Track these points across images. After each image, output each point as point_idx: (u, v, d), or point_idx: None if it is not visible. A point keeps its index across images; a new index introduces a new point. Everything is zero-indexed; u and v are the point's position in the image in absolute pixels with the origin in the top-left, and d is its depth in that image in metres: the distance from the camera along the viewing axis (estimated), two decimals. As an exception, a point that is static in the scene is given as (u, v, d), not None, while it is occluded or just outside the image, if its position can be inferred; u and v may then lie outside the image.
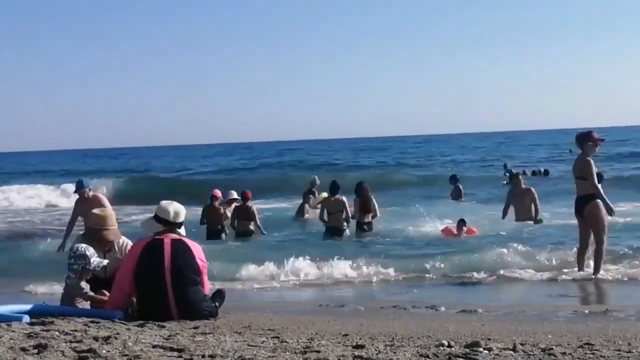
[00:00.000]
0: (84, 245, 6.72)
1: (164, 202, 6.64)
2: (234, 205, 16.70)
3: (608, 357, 4.48)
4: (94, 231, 6.98)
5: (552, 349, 4.68)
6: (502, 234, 13.73)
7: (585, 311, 7.26)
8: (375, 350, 4.65)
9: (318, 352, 4.53)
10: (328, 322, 6.28)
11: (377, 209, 15.22)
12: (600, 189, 9.72)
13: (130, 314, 6.39)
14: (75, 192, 11.95)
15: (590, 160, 9.72)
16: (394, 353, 4.53)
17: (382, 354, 4.51)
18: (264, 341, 5.05)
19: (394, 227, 15.70)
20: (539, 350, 4.67)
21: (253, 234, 15.39)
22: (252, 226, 15.47)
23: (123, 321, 5.99)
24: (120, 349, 4.54)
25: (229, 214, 16.43)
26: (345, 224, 14.86)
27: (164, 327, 5.73)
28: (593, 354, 4.57)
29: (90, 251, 6.63)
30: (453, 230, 14.13)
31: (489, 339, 5.13)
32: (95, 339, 4.89)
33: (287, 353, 4.50)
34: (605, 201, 9.67)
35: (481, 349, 4.65)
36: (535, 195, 15.00)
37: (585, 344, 4.96)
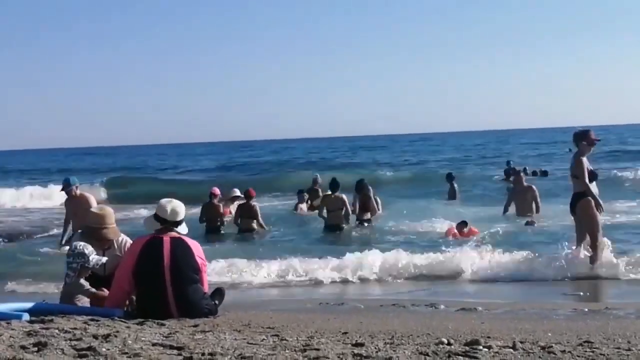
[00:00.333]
0: (82, 244, 6.71)
1: (163, 200, 6.65)
2: (236, 202, 16.85)
3: (607, 355, 4.48)
4: (94, 230, 6.97)
5: (551, 347, 4.68)
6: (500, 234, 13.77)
7: (585, 309, 7.25)
8: (375, 348, 4.65)
9: (318, 350, 4.53)
10: (328, 320, 6.28)
11: (380, 206, 15.21)
12: (591, 187, 9.86)
13: (129, 312, 6.39)
14: (62, 191, 11.96)
15: (583, 159, 9.89)
16: (394, 351, 4.53)
17: (381, 352, 4.51)
18: (263, 339, 5.05)
19: (394, 225, 15.69)
20: (539, 348, 4.67)
21: (256, 232, 15.46)
22: (255, 224, 15.54)
23: (123, 319, 5.99)
24: (120, 347, 4.54)
25: (232, 211, 16.58)
26: (345, 221, 14.88)
27: (163, 325, 5.73)
28: (592, 352, 4.57)
29: (88, 249, 6.63)
30: (455, 231, 14.10)
31: (488, 337, 5.13)
32: (95, 337, 4.89)
33: (286, 351, 4.50)
34: (595, 199, 9.84)
35: (481, 347, 4.65)
36: (536, 193, 15.33)
37: (584, 342, 4.97)
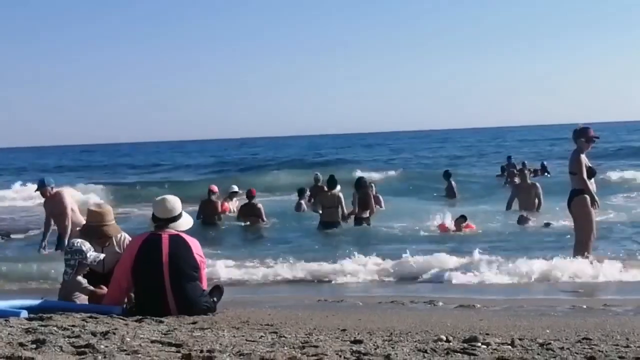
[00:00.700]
0: (80, 240, 6.71)
1: (156, 199, 6.67)
2: (235, 199, 17.05)
3: (606, 351, 4.48)
4: (94, 228, 6.97)
5: (550, 343, 4.68)
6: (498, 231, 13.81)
7: (583, 306, 7.26)
8: (374, 345, 4.65)
9: (316, 347, 4.53)
10: (326, 317, 6.28)
11: (382, 203, 15.21)
12: (589, 184, 9.91)
13: (128, 309, 6.39)
14: (36, 191, 11.90)
15: (581, 156, 9.94)
16: (392, 348, 4.53)
17: (380, 349, 4.51)
18: (262, 336, 5.05)
19: (391, 222, 15.69)
20: (537, 345, 4.67)
21: (258, 228, 15.64)
22: (259, 221, 15.79)
23: (121, 316, 5.98)
24: (118, 344, 4.54)
25: (232, 207, 16.79)
26: (340, 219, 14.84)
27: (162, 322, 5.73)
28: (591, 348, 4.57)
29: (86, 246, 6.62)
30: (448, 226, 14.13)
31: (487, 334, 5.13)
32: (94, 334, 4.89)
33: (285, 348, 4.50)
34: (592, 195, 9.91)
35: (479, 344, 4.65)
36: (540, 190, 15.75)
37: (583, 338, 4.97)
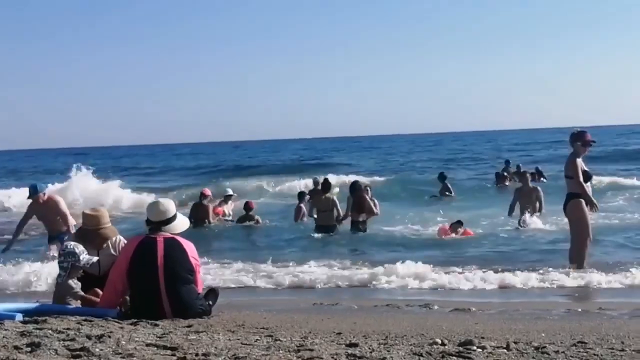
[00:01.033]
0: (73, 243, 6.69)
1: (150, 202, 6.68)
2: (230, 202, 17.18)
3: (601, 355, 4.49)
4: (91, 232, 6.95)
5: (545, 347, 4.68)
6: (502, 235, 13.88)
7: (579, 310, 7.27)
8: (369, 348, 4.64)
9: (311, 350, 4.52)
10: (322, 321, 6.28)
11: (377, 208, 15.25)
12: (585, 187, 9.92)
13: (123, 312, 6.37)
14: (29, 198, 11.78)
15: (577, 160, 9.97)
16: (388, 351, 4.53)
17: (375, 352, 4.51)
18: (257, 339, 5.04)
19: (388, 227, 15.71)
20: (533, 348, 4.67)
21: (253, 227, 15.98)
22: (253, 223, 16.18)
23: (116, 319, 5.97)
24: (113, 347, 4.53)
25: (227, 211, 16.88)
26: (336, 222, 14.85)
27: (157, 325, 5.72)
28: (586, 352, 4.57)
29: (79, 248, 6.60)
30: (447, 230, 14.13)
31: (482, 338, 5.13)
32: (89, 337, 4.87)
33: (280, 351, 4.49)
34: (589, 199, 9.92)
35: (475, 348, 4.65)
36: (541, 194, 15.83)
37: (578, 342, 4.97)
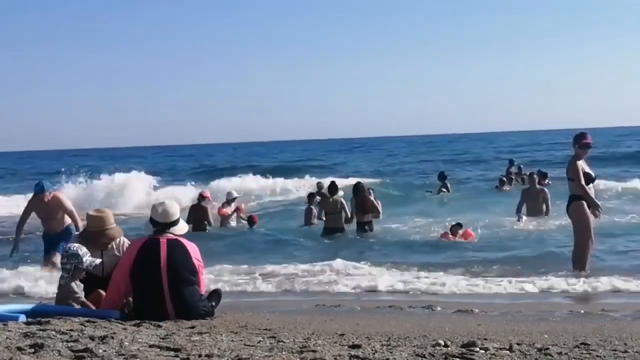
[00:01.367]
0: (77, 245, 6.69)
1: (155, 203, 6.69)
2: (233, 205, 17.32)
3: (604, 357, 4.49)
4: (96, 233, 6.95)
5: (548, 348, 4.68)
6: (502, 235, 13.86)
7: (582, 311, 7.26)
8: (372, 349, 4.64)
9: (314, 351, 4.53)
10: (324, 322, 6.28)
11: (380, 209, 15.27)
12: (587, 189, 9.91)
13: (126, 313, 6.38)
14: (35, 196, 11.62)
15: (578, 162, 9.97)
16: (391, 353, 4.53)
17: (378, 353, 4.51)
18: (260, 341, 5.04)
19: (389, 229, 15.73)
20: (535, 350, 4.67)
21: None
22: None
23: (119, 321, 5.98)
24: (116, 348, 4.53)
25: (229, 212, 17.00)
26: (344, 224, 14.90)
27: (160, 326, 5.72)
28: (589, 353, 4.57)
29: (82, 250, 6.60)
30: (448, 234, 14.12)
31: (485, 339, 5.13)
32: (92, 338, 4.88)
33: (283, 353, 4.49)
34: (591, 201, 9.91)
35: (477, 349, 4.65)
36: (548, 196, 16.17)
37: (581, 343, 4.97)
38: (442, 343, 4.89)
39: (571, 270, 10.02)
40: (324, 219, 15.35)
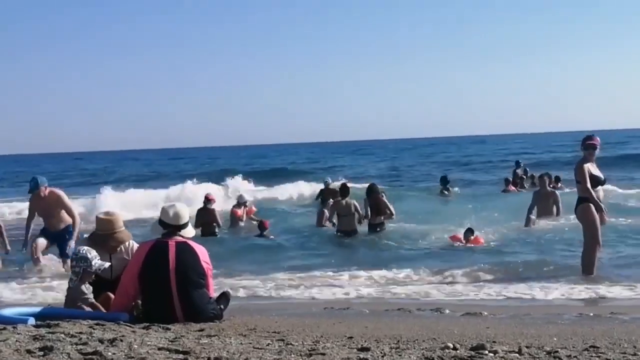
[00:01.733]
0: (86, 248, 6.71)
1: (165, 205, 6.69)
2: (243, 208, 17.47)
3: (613, 359, 4.48)
4: (106, 236, 6.97)
5: (557, 351, 4.67)
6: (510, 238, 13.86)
7: (591, 314, 7.24)
8: (381, 352, 4.64)
9: (323, 354, 4.53)
10: (333, 325, 6.28)
11: (392, 210, 15.33)
12: (595, 192, 9.90)
13: (135, 316, 6.39)
14: (29, 192, 11.83)
15: (585, 165, 9.95)
16: (399, 356, 4.53)
17: (387, 356, 4.51)
18: (269, 344, 5.04)
19: (401, 230, 15.72)
20: (545, 353, 4.66)
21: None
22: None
23: (128, 323, 5.99)
24: (125, 351, 4.55)
25: (240, 213, 17.18)
26: (358, 225, 14.98)
27: (169, 329, 5.73)
28: (598, 356, 4.56)
29: (92, 253, 6.62)
30: (459, 237, 14.08)
31: (494, 342, 5.12)
32: (101, 341, 4.89)
33: (292, 355, 4.50)
34: (597, 204, 9.88)
35: (486, 352, 4.64)
36: (559, 198, 16.16)
37: (590, 346, 4.96)
38: (451, 346, 4.89)
39: (580, 273, 9.99)
40: (334, 221, 15.40)
